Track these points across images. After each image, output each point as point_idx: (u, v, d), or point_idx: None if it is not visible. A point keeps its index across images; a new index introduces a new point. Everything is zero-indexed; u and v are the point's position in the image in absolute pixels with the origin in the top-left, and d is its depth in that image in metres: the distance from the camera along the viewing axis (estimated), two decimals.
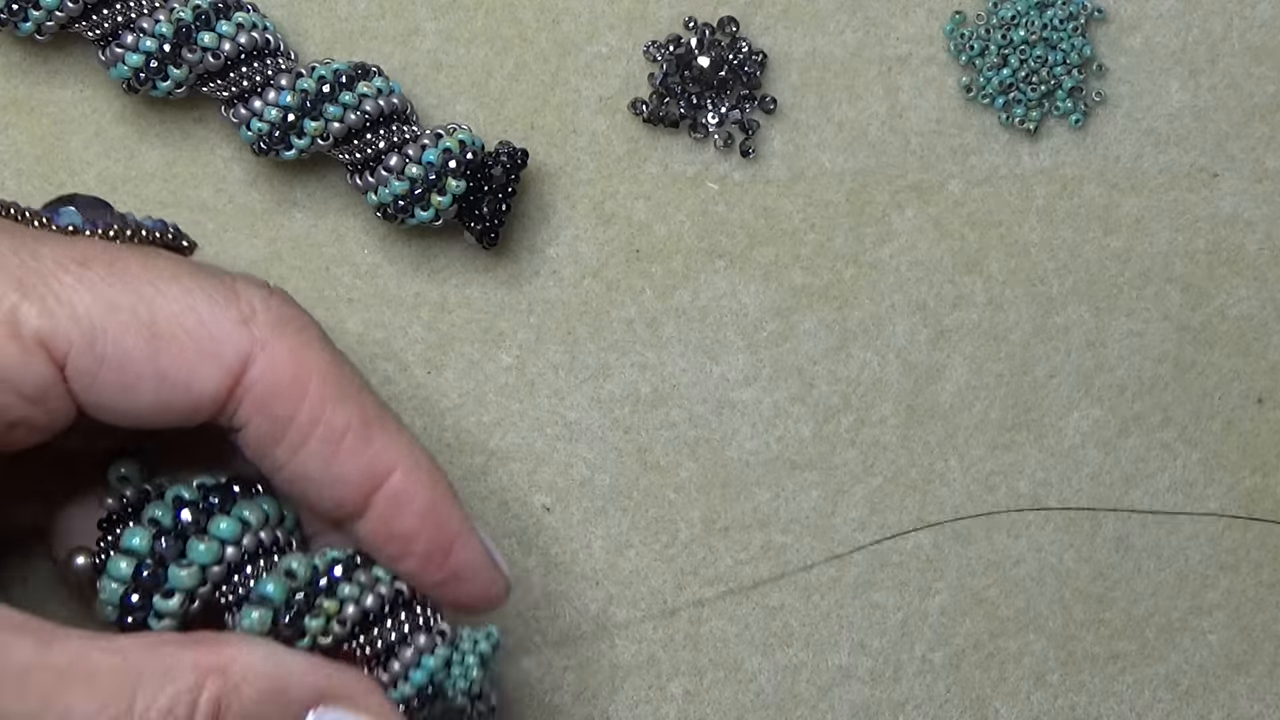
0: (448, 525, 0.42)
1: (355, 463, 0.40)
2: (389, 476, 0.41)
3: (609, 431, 0.50)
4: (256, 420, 0.40)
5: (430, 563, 0.42)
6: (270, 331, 0.40)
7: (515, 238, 0.50)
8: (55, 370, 0.39)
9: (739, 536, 0.50)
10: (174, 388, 0.39)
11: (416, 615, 0.42)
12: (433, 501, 0.41)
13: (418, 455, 0.41)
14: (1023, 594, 0.51)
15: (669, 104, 0.50)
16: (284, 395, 0.40)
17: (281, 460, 0.40)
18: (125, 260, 0.40)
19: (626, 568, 0.50)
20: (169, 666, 0.38)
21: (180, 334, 0.39)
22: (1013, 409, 0.51)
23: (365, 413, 0.41)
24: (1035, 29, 0.50)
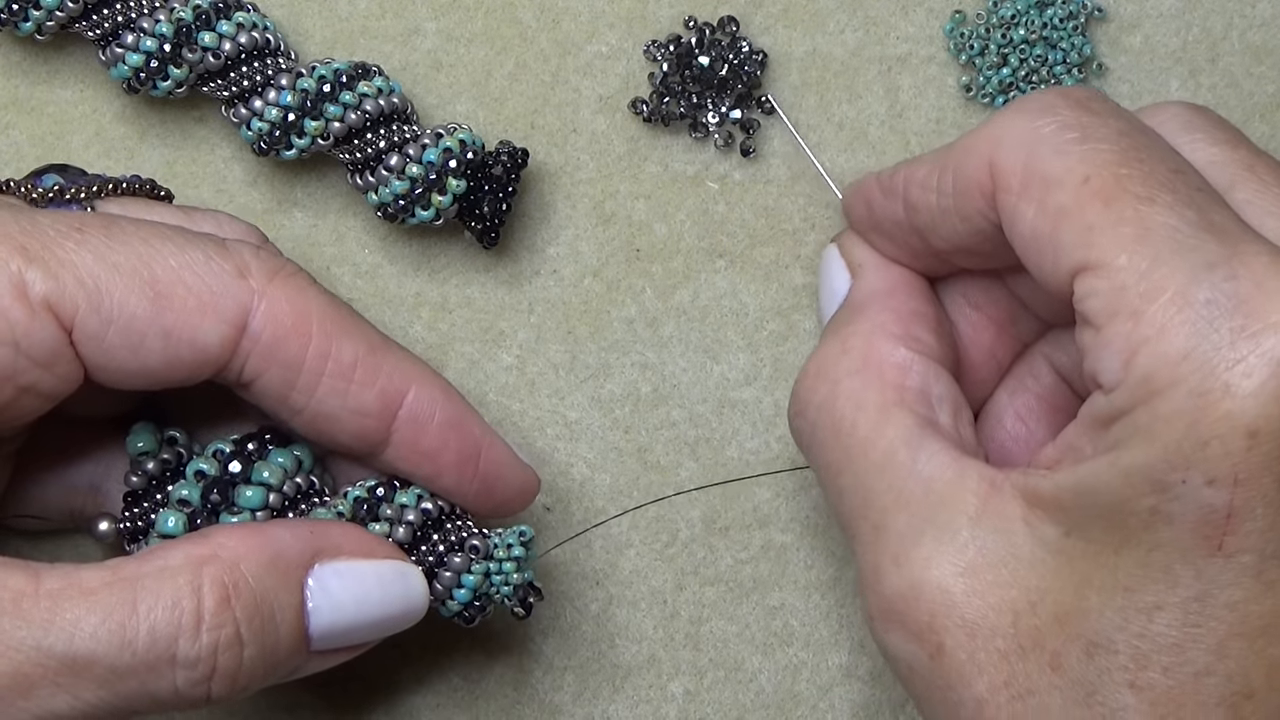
0: (471, 432, 0.43)
1: (370, 391, 0.42)
2: (404, 397, 0.42)
3: (609, 431, 0.50)
4: (268, 370, 0.41)
5: (463, 472, 0.43)
6: (266, 281, 0.41)
7: (515, 237, 0.50)
8: (63, 333, 0.39)
9: (739, 536, 0.50)
10: (179, 344, 0.40)
11: (449, 534, 0.44)
12: (452, 412, 0.43)
13: (427, 373, 0.43)
14: None
15: (669, 104, 0.50)
16: (289, 339, 0.41)
17: (299, 404, 0.42)
18: (120, 224, 0.41)
19: (627, 568, 0.50)
20: (161, 567, 0.38)
21: (181, 291, 0.40)
22: None
23: (370, 342, 0.42)
24: (1035, 28, 0.50)
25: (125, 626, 0.37)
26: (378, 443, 0.43)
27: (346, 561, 0.41)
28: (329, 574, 0.41)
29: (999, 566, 0.38)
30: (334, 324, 0.42)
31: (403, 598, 0.42)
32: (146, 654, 0.37)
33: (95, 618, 0.37)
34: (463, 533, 0.44)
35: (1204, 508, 0.35)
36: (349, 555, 0.41)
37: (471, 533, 0.44)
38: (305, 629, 0.40)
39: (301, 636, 0.40)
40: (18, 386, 0.39)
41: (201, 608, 0.38)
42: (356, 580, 0.41)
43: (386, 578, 0.42)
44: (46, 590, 0.37)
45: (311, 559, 0.41)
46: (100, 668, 0.37)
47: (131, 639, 0.37)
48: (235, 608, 0.39)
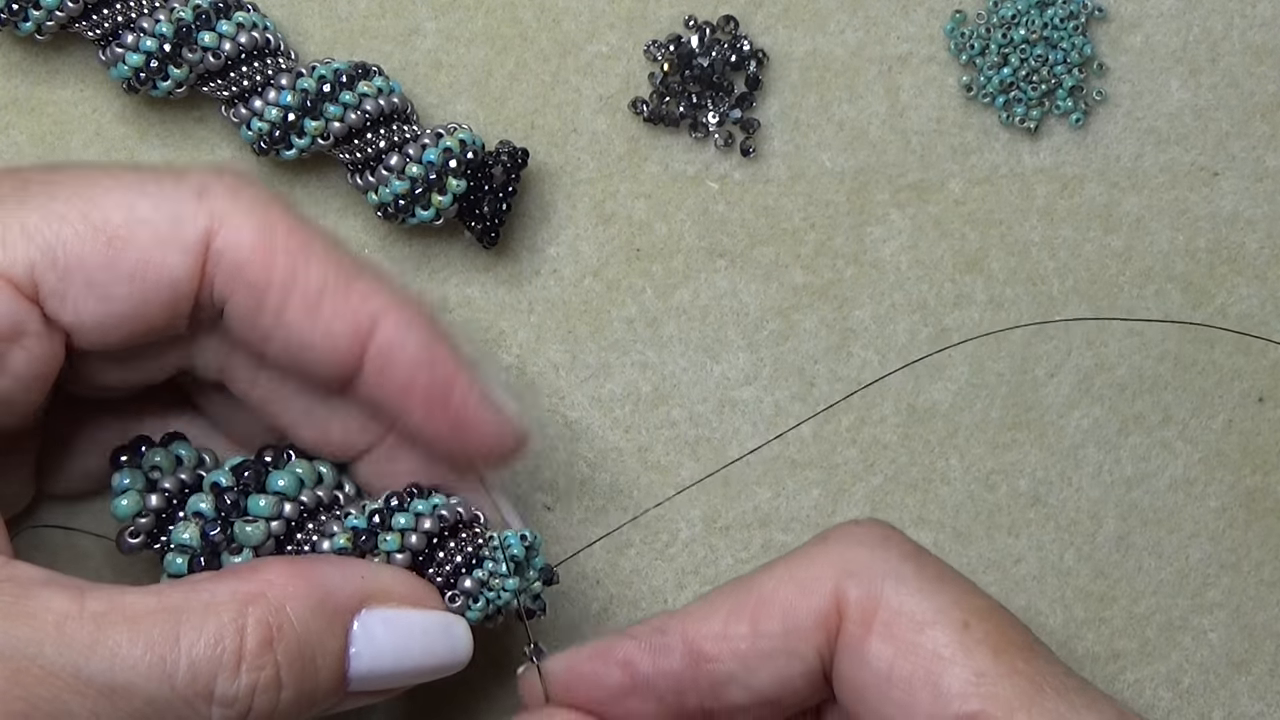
0: (444, 368, 0.41)
1: (340, 319, 0.40)
2: (377, 328, 0.40)
3: (609, 431, 0.50)
4: (234, 293, 0.40)
5: (432, 411, 0.41)
6: (227, 203, 0.40)
7: (515, 237, 0.50)
8: (24, 300, 0.38)
9: (739, 536, 0.50)
10: (144, 283, 0.39)
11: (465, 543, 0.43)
12: (423, 345, 0.41)
13: (403, 302, 0.41)
14: (1024, 592, 0.51)
15: (669, 104, 0.50)
16: (252, 261, 0.39)
17: (268, 328, 0.40)
18: (64, 172, 0.40)
19: (626, 567, 0.50)
20: (208, 601, 0.38)
21: (136, 229, 0.39)
22: (1013, 408, 0.51)
23: (341, 268, 0.40)
24: (1036, 28, 0.50)
25: (166, 659, 0.37)
26: (351, 372, 0.41)
27: (395, 609, 0.41)
28: (376, 620, 0.40)
29: None
30: (301, 247, 0.40)
31: (446, 651, 0.42)
32: (185, 689, 0.37)
33: (138, 648, 0.36)
34: (477, 540, 0.43)
35: None
36: (398, 603, 0.41)
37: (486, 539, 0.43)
38: (345, 672, 0.40)
39: (340, 679, 0.40)
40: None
41: (243, 647, 0.38)
42: (402, 629, 0.41)
43: (432, 629, 0.41)
44: (90, 613, 0.36)
45: (360, 603, 0.40)
46: (138, 699, 0.36)
47: (172, 672, 0.37)
48: (277, 650, 0.38)
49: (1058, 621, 0.51)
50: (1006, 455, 0.51)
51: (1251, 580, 0.51)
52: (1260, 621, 0.51)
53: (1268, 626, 0.51)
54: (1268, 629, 0.51)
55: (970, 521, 0.51)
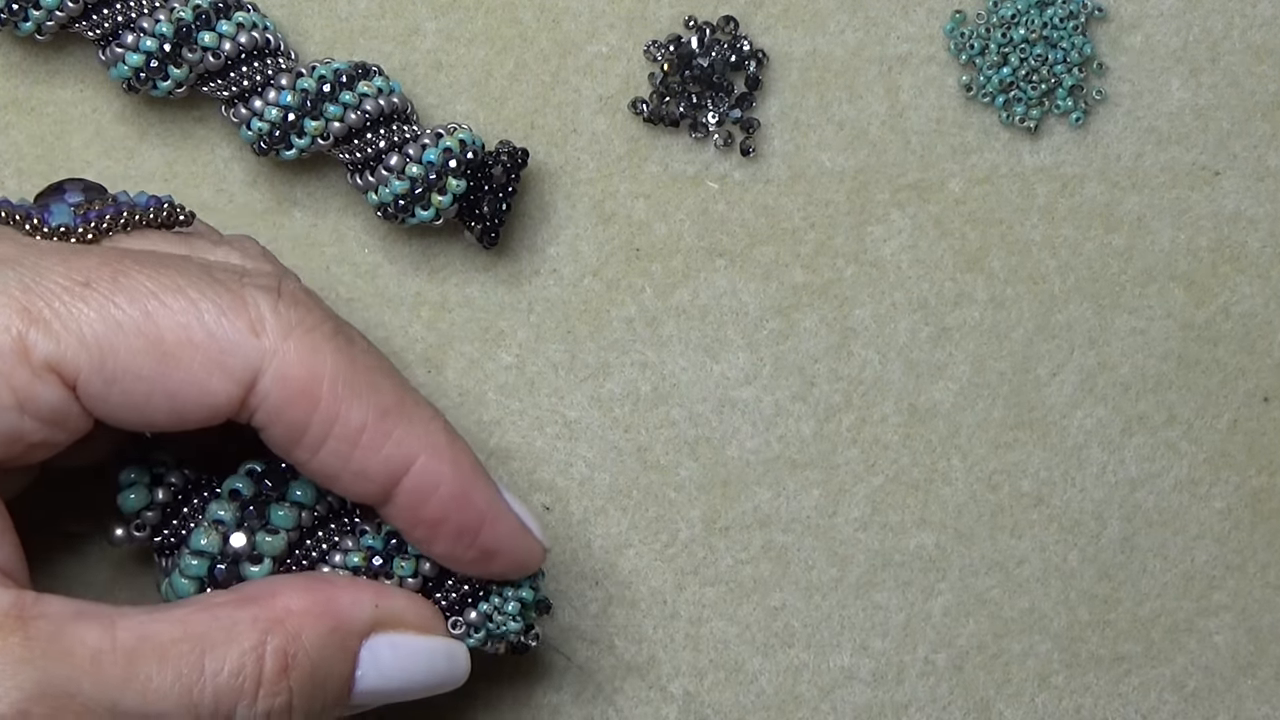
0: (474, 506, 0.42)
1: (375, 458, 0.41)
2: (411, 466, 0.41)
3: (609, 431, 0.50)
4: (273, 426, 0.40)
5: (459, 544, 0.42)
6: (280, 339, 0.40)
7: (515, 237, 0.50)
8: (68, 392, 0.39)
9: (739, 536, 0.50)
10: (185, 402, 0.40)
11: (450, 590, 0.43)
12: (457, 486, 0.42)
13: (439, 440, 0.42)
14: (1027, 595, 0.51)
15: (669, 104, 0.50)
16: (296, 402, 0.40)
17: (303, 459, 0.41)
18: (129, 274, 0.40)
19: (626, 568, 0.50)
20: (229, 628, 0.39)
21: (188, 349, 0.39)
22: (1015, 408, 0.51)
23: (382, 406, 0.41)
24: (1035, 27, 0.50)
25: (193, 689, 0.38)
26: (379, 503, 0.42)
27: (404, 635, 0.42)
28: (384, 645, 0.41)
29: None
30: (346, 386, 0.40)
31: (447, 673, 0.43)
32: (209, 717, 0.38)
33: (167, 679, 0.38)
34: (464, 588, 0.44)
35: None
36: (408, 629, 0.42)
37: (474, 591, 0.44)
38: (349, 691, 0.41)
39: (344, 698, 0.41)
40: (28, 444, 0.39)
41: (262, 675, 0.39)
42: (408, 654, 0.42)
43: (437, 656, 0.42)
44: (123, 647, 0.37)
45: (370, 629, 0.41)
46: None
47: (198, 701, 0.38)
48: (291, 677, 0.39)
49: (1062, 624, 0.50)
50: (1009, 455, 0.51)
51: (1257, 582, 0.51)
52: (1266, 624, 0.51)
53: (1274, 629, 0.51)
54: (1274, 631, 0.51)
55: (972, 522, 0.51)
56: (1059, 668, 0.51)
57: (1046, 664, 0.51)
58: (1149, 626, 0.51)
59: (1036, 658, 0.51)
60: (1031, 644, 0.50)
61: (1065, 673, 0.51)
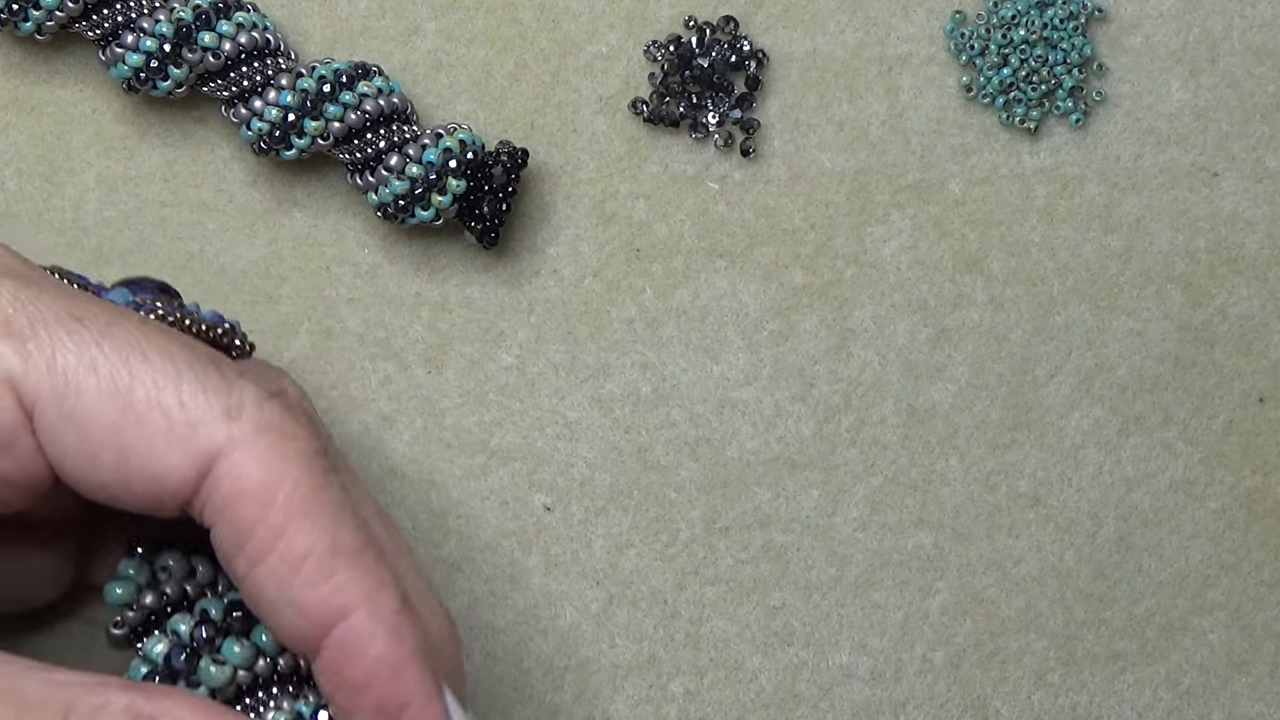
0: (404, 685, 0.38)
1: (312, 592, 0.37)
2: (347, 617, 0.37)
3: (609, 431, 0.50)
4: (218, 524, 0.38)
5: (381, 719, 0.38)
6: (251, 433, 0.37)
7: (515, 237, 0.50)
8: (22, 415, 0.37)
9: (739, 536, 0.50)
10: (133, 466, 0.37)
11: None
12: (391, 655, 0.38)
13: (386, 603, 0.38)
14: (1023, 593, 0.51)
15: (669, 104, 0.50)
16: (247, 500, 0.37)
17: (241, 572, 0.38)
18: (125, 327, 0.38)
19: (626, 568, 0.50)
20: (100, 705, 0.36)
21: (155, 412, 0.37)
22: (1013, 408, 0.51)
23: (334, 541, 0.37)
24: (1035, 28, 0.50)
25: None
26: (309, 649, 0.38)
27: None
28: None
29: None
30: (302, 505, 0.37)
31: None
32: None
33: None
34: None
35: None
36: None
37: None
38: None
39: None
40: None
41: None
42: None
43: None
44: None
45: None
46: None
47: None
48: None
49: (1058, 623, 0.51)
50: (1006, 456, 0.51)
51: (1251, 581, 0.51)
52: (1260, 622, 0.51)
53: (1268, 627, 0.51)
54: (1268, 630, 0.51)
55: (970, 522, 0.51)
56: (1055, 666, 0.51)
57: (1043, 662, 0.51)
58: (1144, 625, 0.51)
59: (1033, 656, 0.51)
60: (1028, 642, 0.51)
61: (1061, 670, 0.51)
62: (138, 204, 0.49)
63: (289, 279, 0.50)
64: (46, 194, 0.49)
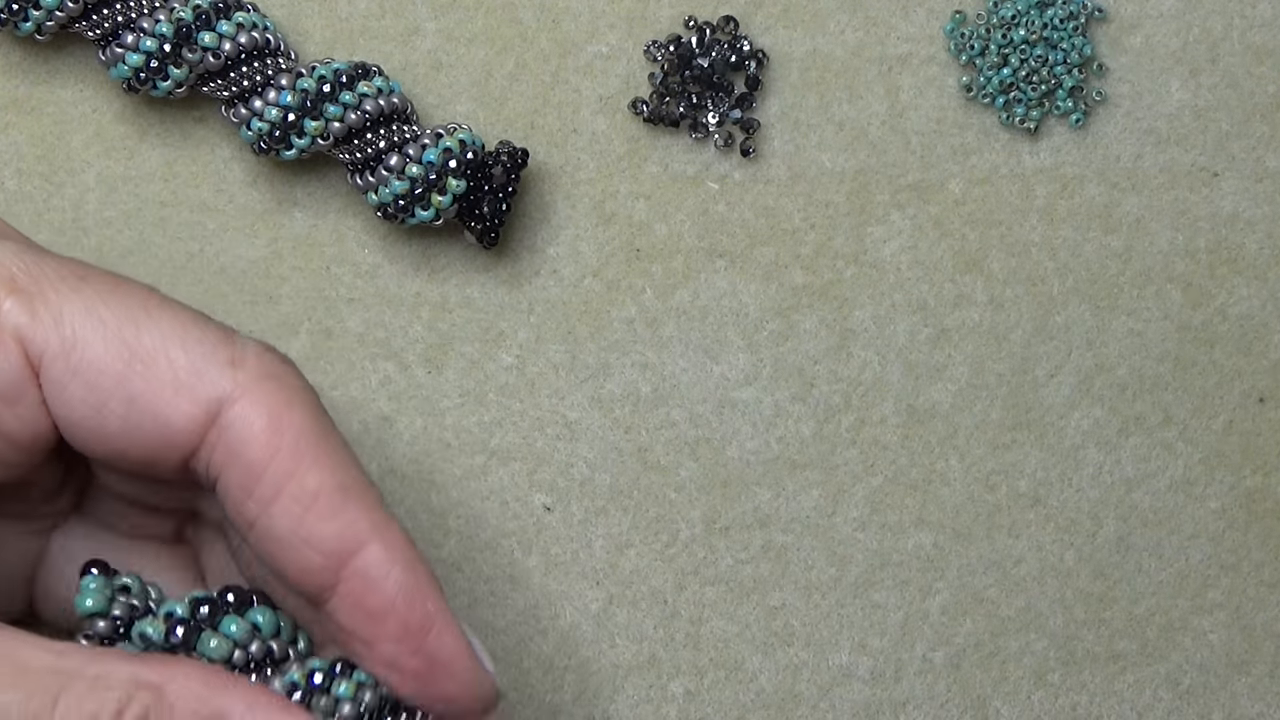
0: (423, 605, 0.39)
1: (326, 528, 0.39)
2: (362, 549, 0.39)
3: (609, 431, 0.50)
4: (229, 469, 0.39)
5: (404, 644, 0.39)
6: (255, 380, 0.39)
7: (515, 237, 0.50)
8: (29, 370, 0.38)
9: (739, 536, 0.50)
10: (143, 415, 0.38)
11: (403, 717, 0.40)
12: (407, 579, 0.39)
13: (395, 534, 0.39)
14: (1023, 593, 0.51)
15: (669, 104, 0.50)
16: (257, 444, 0.38)
17: (253, 515, 0.39)
18: (128, 286, 0.39)
19: (626, 568, 0.50)
20: (102, 674, 0.37)
21: (161, 361, 0.38)
22: (1013, 408, 0.51)
23: (343, 480, 0.39)
24: (1035, 28, 0.50)
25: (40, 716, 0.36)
26: (325, 586, 0.39)
27: None
28: None
29: None
30: (310, 446, 0.39)
31: None
32: None
33: (15, 695, 0.36)
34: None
35: None
36: None
37: None
38: None
39: None
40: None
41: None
42: None
43: None
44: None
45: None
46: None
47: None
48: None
49: (1058, 623, 0.51)
50: (1006, 456, 0.51)
51: (1251, 581, 0.51)
52: (1260, 622, 0.51)
53: (1268, 627, 0.51)
54: (1268, 630, 0.51)
55: (970, 522, 0.51)
56: (1055, 666, 0.51)
57: (1043, 662, 0.51)
58: (1144, 625, 0.51)
59: (1033, 656, 0.51)
60: (1028, 642, 0.51)
61: (1061, 670, 0.51)
62: (138, 204, 0.49)
63: (289, 279, 0.50)
64: (46, 194, 0.49)
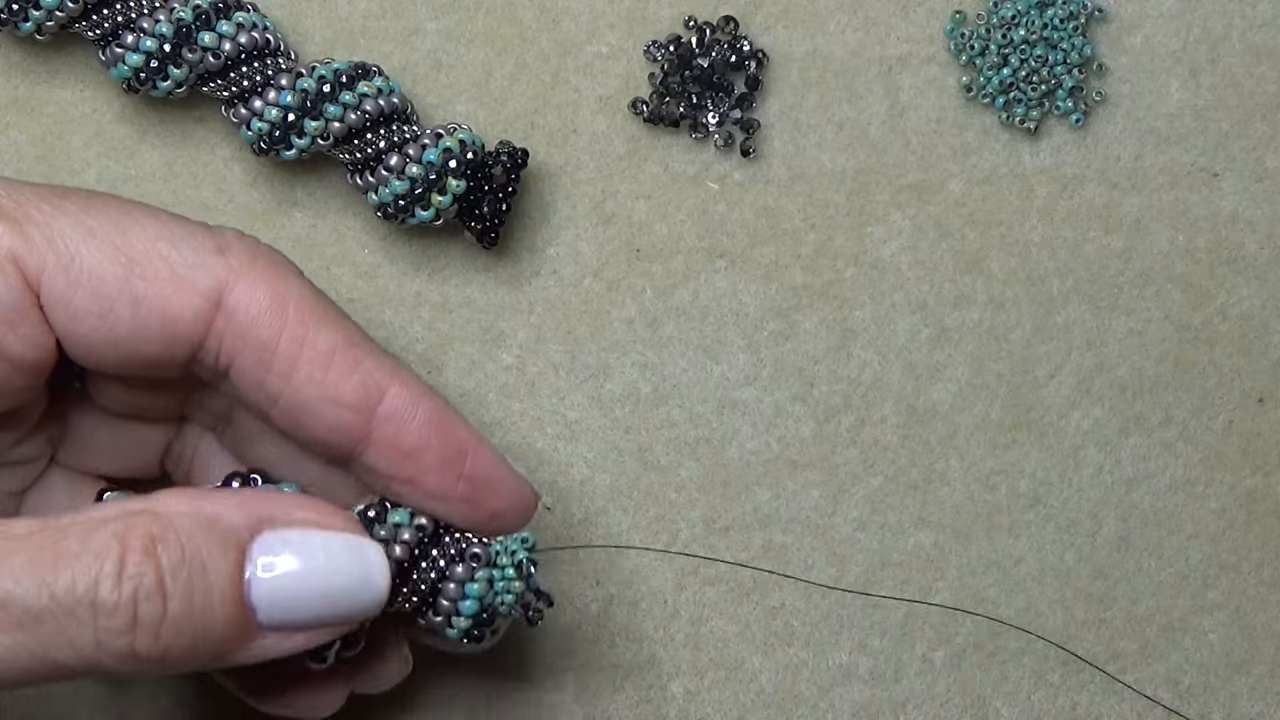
0: (455, 433, 0.42)
1: (348, 382, 0.41)
2: (385, 393, 0.41)
3: (609, 431, 0.50)
4: (243, 352, 0.41)
5: (447, 473, 0.42)
6: (246, 262, 0.41)
7: (515, 237, 0.50)
8: (29, 292, 0.39)
9: (739, 536, 0.50)
10: (149, 314, 0.40)
11: (448, 547, 0.42)
12: (435, 411, 0.41)
13: (408, 373, 0.42)
14: (1023, 594, 0.51)
15: (669, 104, 0.50)
16: (264, 320, 0.40)
17: (276, 390, 0.41)
18: (103, 197, 0.41)
19: (627, 567, 0.50)
20: (94, 517, 0.37)
21: (156, 260, 0.40)
22: (1013, 408, 0.51)
23: (349, 335, 0.41)
24: (1035, 28, 0.50)
25: (45, 569, 0.36)
26: (358, 440, 0.41)
27: (297, 530, 0.39)
28: (274, 541, 0.39)
29: None
30: (312, 312, 0.41)
31: (357, 572, 0.40)
32: (65, 597, 0.36)
33: (17, 560, 0.36)
34: (462, 544, 0.42)
35: None
36: (300, 525, 0.39)
37: (471, 542, 0.42)
38: (244, 596, 0.38)
39: (239, 603, 0.38)
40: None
41: (125, 555, 0.37)
42: (304, 551, 0.39)
43: (337, 550, 0.39)
44: None
45: (257, 525, 0.39)
46: (16, 608, 0.36)
47: (50, 580, 0.36)
48: (160, 556, 0.37)
49: (1058, 622, 0.51)
50: (1006, 456, 0.51)
51: (1251, 581, 0.51)
52: (1260, 622, 0.51)
53: (1268, 627, 0.51)
54: (1268, 630, 0.51)
55: (970, 522, 0.51)
56: (1055, 665, 0.51)
57: (1043, 662, 0.51)
58: (1144, 625, 0.51)
59: (1033, 656, 0.51)
60: (1028, 642, 0.51)
61: (1061, 670, 0.51)
62: None
63: None
64: None
